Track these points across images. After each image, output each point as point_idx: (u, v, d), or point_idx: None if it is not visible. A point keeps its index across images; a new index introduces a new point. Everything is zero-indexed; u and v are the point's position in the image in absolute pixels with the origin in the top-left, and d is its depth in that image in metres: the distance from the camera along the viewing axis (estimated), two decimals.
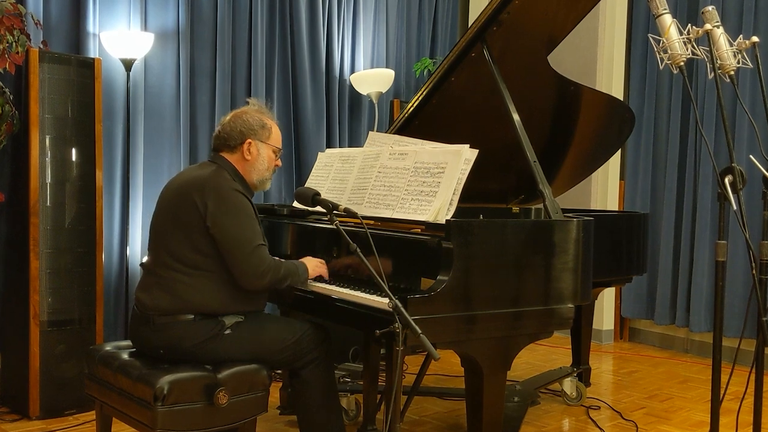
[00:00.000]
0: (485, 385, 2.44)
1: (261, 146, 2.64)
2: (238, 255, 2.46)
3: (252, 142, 2.62)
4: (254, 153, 2.63)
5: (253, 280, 2.48)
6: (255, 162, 2.63)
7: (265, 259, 2.50)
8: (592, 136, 3.71)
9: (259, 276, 2.47)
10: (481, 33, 2.89)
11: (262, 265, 2.48)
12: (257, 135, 2.63)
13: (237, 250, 2.45)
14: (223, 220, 2.45)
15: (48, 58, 3.44)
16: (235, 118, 2.65)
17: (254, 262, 2.47)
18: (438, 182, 2.53)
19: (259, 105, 2.73)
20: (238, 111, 2.69)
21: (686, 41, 2.30)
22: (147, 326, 2.50)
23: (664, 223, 5.17)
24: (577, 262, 2.56)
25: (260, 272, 2.47)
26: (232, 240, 2.45)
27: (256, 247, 2.48)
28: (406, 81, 5.66)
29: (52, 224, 3.45)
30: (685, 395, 4.15)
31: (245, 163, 2.63)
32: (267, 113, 2.72)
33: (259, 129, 2.64)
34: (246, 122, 2.63)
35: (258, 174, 2.65)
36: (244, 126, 2.62)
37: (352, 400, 3.43)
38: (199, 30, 4.53)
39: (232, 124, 2.63)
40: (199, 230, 2.46)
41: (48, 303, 3.43)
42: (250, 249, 2.46)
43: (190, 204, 2.48)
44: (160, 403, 2.29)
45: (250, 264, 2.46)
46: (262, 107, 2.73)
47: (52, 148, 3.45)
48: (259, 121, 2.65)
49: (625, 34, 5.42)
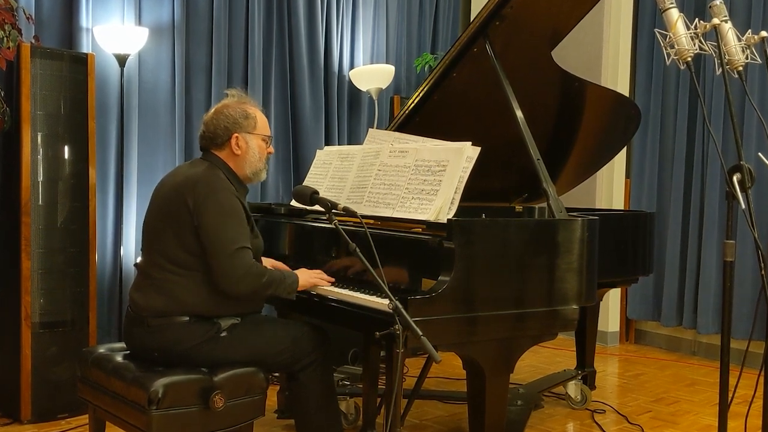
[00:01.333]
0: (487, 388, 2.44)
1: (249, 138, 2.61)
2: (217, 256, 2.41)
3: (239, 136, 2.59)
4: (243, 146, 2.60)
5: (231, 285, 2.43)
6: (246, 155, 2.61)
7: (246, 264, 2.44)
8: (597, 133, 3.71)
9: (236, 280, 2.42)
10: (483, 28, 2.89)
11: (241, 269, 2.42)
12: (242, 127, 2.60)
13: (216, 250, 2.41)
14: (206, 217, 2.42)
15: (40, 53, 3.43)
16: (217, 114, 2.62)
17: (233, 265, 2.41)
18: (439, 180, 2.53)
19: (239, 95, 2.68)
20: (219, 106, 2.65)
21: (693, 36, 2.30)
22: (141, 328, 2.50)
23: (670, 223, 5.17)
24: (582, 263, 2.56)
25: (238, 277, 2.42)
26: (213, 239, 2.42)
27: (237, 250, 2.42)
28: (407, 77, 5.66)
29: (44, 223, 3.44)
30: (692, 399, 4.15)
31: (236, 159, 2.61)
32: (249, 101, 2.68)
33: (243, 120, 2.60)
34: (229, 116, 2.59)
35: (251, 167, 2.63)
36: (228, 120, 2.59)
37: (352, 403, 3.43)
38: (194, 24, 4.52)
39: (215, 120, 2.60)
40: (188, 229, 2.45)
41: (40, 304, 3.43)
42: (230, 251, 2.41)
43: (181, 202, 2.46)
44: (154, 407, 2.28)
45: (228, 266, 2.41)
46: (243, 96, 2.69)
47: (44, 146, 3.45)
48: (242, 113, 2.61)
49: (631, 28, 5.42)
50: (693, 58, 2.31)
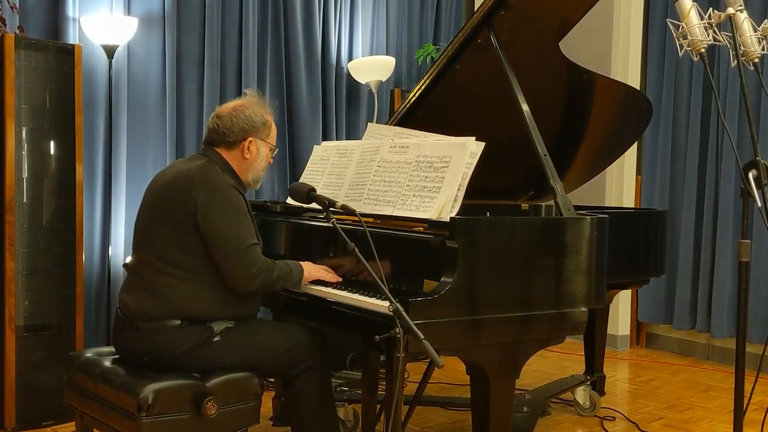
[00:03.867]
0: (492, 395, 2.45)
1: (261, 145, 2.64)
2: (229, 254, 2.45)
3: (253, 140, 2.61)
4: (254, 152, 2.62)
5: (244, 282, 2.48)
6: (254, 161, 2.63)
7: (258, 260, 2.49)
8: (607, 128, 3.72)
9: (250, 278, 2.47)
10: (487, 17, 2.89)
11: (255, 265, 2.47)
12: (259, 133, 2.62)
13: (228, 248, 2.45)
14: (214, 215, 2.44)
15: (24, 44, 3.43)
16: (237, 112, 2.61)
17: (246, 263, 2.46)
18: (442, 177, 2.53)
19: (258, 97, 2.70)
20: (238, 104, 2.65)
21: (707, 26, 2.30)
22: (131, 331, 2.50)
23: (683, 221, 5.17)
24: (591, 263, 2.57)
25: (252, 273, 2.47)
26: (222, 238, 2.45)
27: (248, 247, 2.47)
28: (408, 69, 5.65)
29: (28, 222, 3.44)
30: (706, 405, 4.15)
31: (243, 162, 2.62)
32: (266, 107, 2.70)
33: (261, 126, 2.63)
34: (249, 118, 2.61)
35: (254, 173, 2.66)
36: (247, 122, 2.60)
37: (350, 410, 3.43)
38: (186, 14, 4.52)
39: (234, 118, 2.60)
40: (187, 228, 2.46)
41: (24, 306, 3.43)
42: (242, 248, 2.46)
43: (179, 199, 2.47)
44: (144, 414, 2.28)
45: (241, 264, 2.46)
46: (261, 99, 2.71)
47: (29, 141, 3.45)
48: (261, 118, 2.63)
49: (642, 18, 5.42)
50: (707, 50, 2.31)
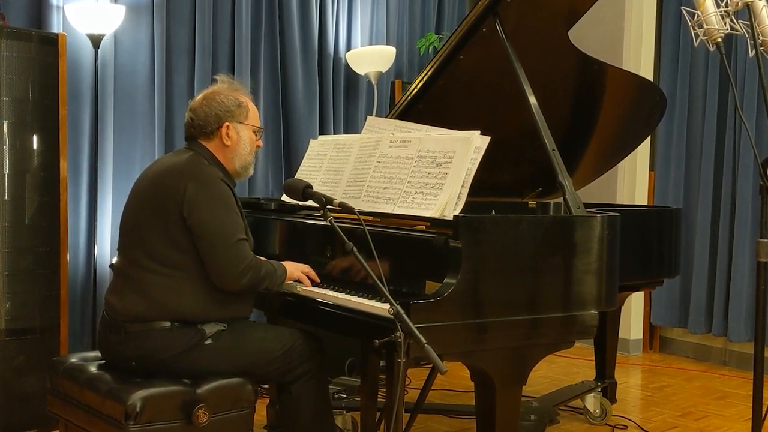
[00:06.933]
0: (498, 402, 2.45)
1: (240, 128, 2.65)
2: (216, 249, 2.45)
3: (230, 125, 2.63)
4: (234, 137, 2.64)
5: (231, 279, 2.48)
6: (236, 147, 2.65)
7: (247, 256, 2.50)
8: (618, 121, 3.72)
9: (238, 275, 2.47)
10: (493, 5, 2.89)
11: (243, 262, 2.48)
12: (235, 116, 2.64)
13: (216, 243, 2.45)
14: (201, 209, 2.45)
15: (6, 33, 3.43)
16: (208, 100, 2.64)
17: (234, 259, 2.46)
18: (445, 173, 2.53)
19: (229, 81, 2.72)
20: (209, 92, 2.68)
21: (724, 15, 2.30)
22: (118, 335, 2.50)
23: (699, 220, 5.17)
24: (602, 264, 2.57)
25: (240, 270, 2.47)
26: (210, 232, 2.45)
27: (236, 242, 2.48)
28: (409, 59, 5.66)
29: (10, 220, 3.45)
30: (722, 413, 4.16)
31: (225, 150, 2.64)
32: (241, 89, 2.72)
33: (235, 109, 2.64)
34: (221, 103, 2.63)
35: (240, 159, 2.67)
36: (220, 108, 2.62)
37: (348, 418, 3.44)
38: (175, 2, 4.52)
39: (206, 108, 2.63)
40: (175, 222, 2.46)
41: (6, 309, 3.43)
42: (230, 243, 2.46)
43: (166, 193, 2.48)
44: (132, 422, 2.29)
45: (229, 260, 2.46)
46: (234, 83, 2.73)
47: (11, 135, 3.45)
48: (234, 101, 2.65)
49: (656, 6, 5.42)
50: (723, 39, 2.31)
